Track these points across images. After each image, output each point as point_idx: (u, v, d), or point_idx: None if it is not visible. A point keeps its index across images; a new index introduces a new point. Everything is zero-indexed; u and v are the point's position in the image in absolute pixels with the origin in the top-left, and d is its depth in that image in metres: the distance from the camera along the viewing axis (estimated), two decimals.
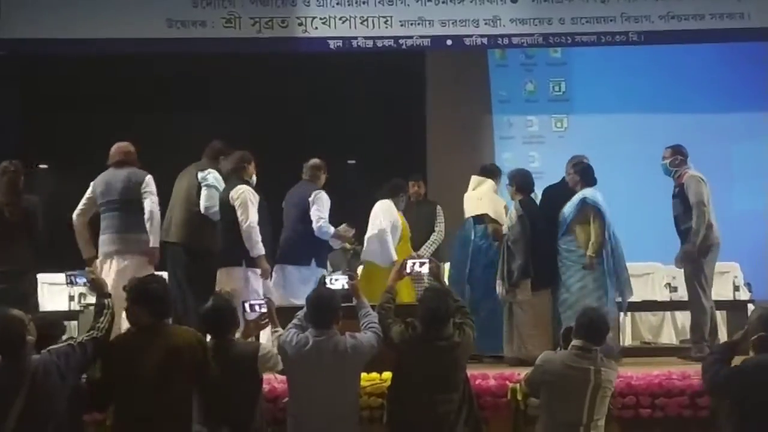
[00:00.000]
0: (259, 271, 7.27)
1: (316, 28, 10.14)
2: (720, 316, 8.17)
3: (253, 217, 7.23)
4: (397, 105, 11.92)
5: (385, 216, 8.39)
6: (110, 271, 7.11)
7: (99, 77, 11.36)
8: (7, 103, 11.24)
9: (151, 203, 7.25)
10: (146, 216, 7.21)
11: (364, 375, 5.69)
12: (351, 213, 9.67)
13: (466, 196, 8.36)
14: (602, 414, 5.24)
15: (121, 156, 7.46)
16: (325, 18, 10.11)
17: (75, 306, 8.31)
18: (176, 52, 10.33)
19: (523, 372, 6.05)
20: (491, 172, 8.60)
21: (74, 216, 7.48)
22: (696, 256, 7.47)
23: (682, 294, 8.33)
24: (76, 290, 8.05)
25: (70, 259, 7.59)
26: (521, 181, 8.05)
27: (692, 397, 6.07)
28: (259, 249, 7.21)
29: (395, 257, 8.08)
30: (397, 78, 11.71)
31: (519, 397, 5.98)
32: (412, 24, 10.14)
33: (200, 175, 7.69)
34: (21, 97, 11.46)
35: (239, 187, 7.39)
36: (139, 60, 10.84)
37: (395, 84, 11.79)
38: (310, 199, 7.92)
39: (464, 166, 12.02)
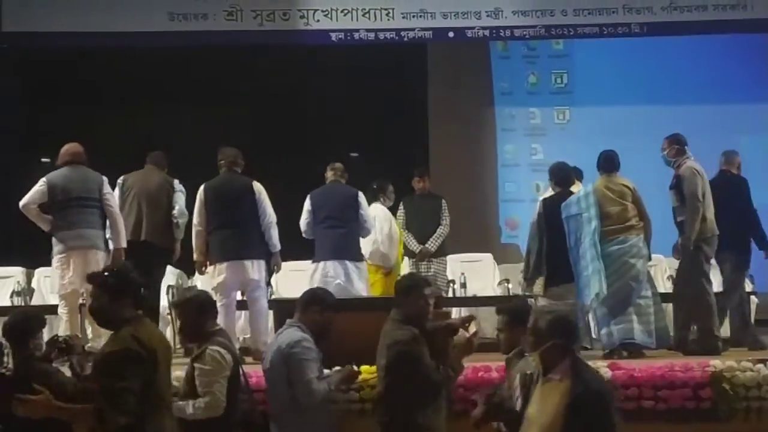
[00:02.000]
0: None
1: (318, 20, 10.14)
2: None
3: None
4: (398, 98, 11.91)
5: (386, 223, 8.63)
6: (71, 265, 7.21)
7: (101, 71, 11.37)
8: (9, 97, 11.23)
9: (113, 205, 7.43)
10: (110, 218, 7.39)
11: (366, 368, 5.69)
12: None
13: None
14: None
15: (74, 156, 7.49)
16: (326, 10, 10.11)
17: None
18: (178, 46, 10.32)
19: None
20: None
21: (25, 204, 7.39)
22: (690, 250, 7.44)
23: None
24: None
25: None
26: (559, 175, 8.02)
27: (695, 388, 6.06)
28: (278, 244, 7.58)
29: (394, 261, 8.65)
30: (398, 70, 11.71)
31: None
32: (413, 16, 10.13)
33: (174, 180, 7.86)
34: (22, 91, 11.45)
35: (255, 182, 7.57)
36: (140, 53, 10.83)
37: (397, 76, 11.78)
38: (360, 200, 8.09)
39: (466, 159, 12.11)
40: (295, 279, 8.42)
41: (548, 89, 12.23)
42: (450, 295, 8.98)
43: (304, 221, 8.06)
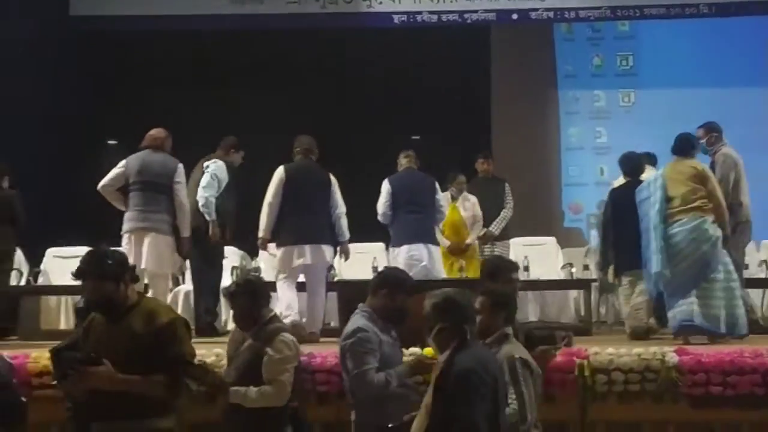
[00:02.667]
0: None
1: (381, 2, 10.14)
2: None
3: None
4: (461, 80, 11.82)
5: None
6: (135, 246, 7.41)
7: (164, 54, 11.45)
8: (76, 80, 11.38)
9: (180, 194, 7.57)
10: (176, 206, 7.56)
11: (429, 350, 5.64)
12: None
13: None
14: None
15: (153, 141, 7.70)
16: None
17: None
18: (240, 29, 10.37)
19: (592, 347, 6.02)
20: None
21: (103, 186, 7.62)
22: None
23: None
24: None
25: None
26: (628, 165, 8.03)
27: (765, 374, 5.95)
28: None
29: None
30: (461, 53, 11.61)
31: (586, 373, 5.92)
32: None
33: (205, 163, 7.92)
34: (91, 74, 11.60)
35: (330, 174, 7.72)
36: (205, 36, 10.91)
37: (459, 59, 11.69)
38: (437, 188, 8.27)
39: (529, 142, 12.01)
40: (358, 261, 8.43)
41: (613, 71, 12.06)
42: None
43: (383, 204, 8.10)
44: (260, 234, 7.58)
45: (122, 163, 7.63)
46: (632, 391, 5.91)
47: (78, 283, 4.20)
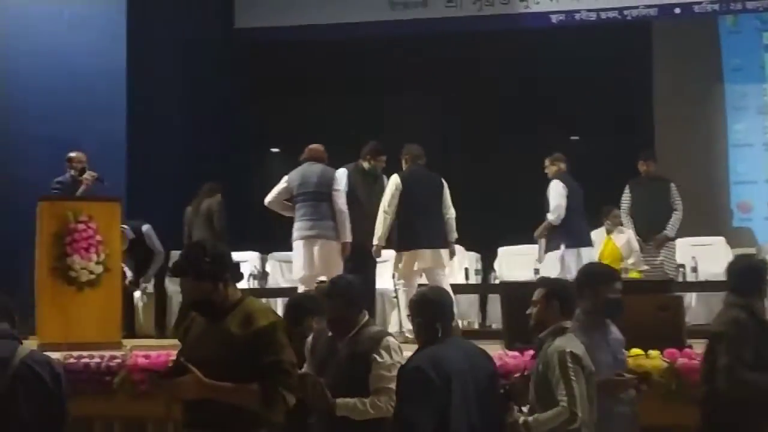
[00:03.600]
0: None
1: (538, 2, 10.07)
2: None
3: None
4: (621, 79, 11.56)
5: None
6: (305, 252, 7.64)
7: (324, 63, 11.69)
8: (240, 90, 11.76)
9: (338, 201, 7.70)
10: (335, 213, 7.70)
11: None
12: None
13: None
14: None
15: (311, 153, 7.91)
16: None
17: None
18: (399, 34, 10.48)
19: None
20: None
21: (270, 202, 7.93)
22: None
23: None
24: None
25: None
26: None
27: None
28: None
29: None
30: (621, 51, 11.35)
31: None
32: None
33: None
34: (251, 84, 11.96)
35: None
36: (360, 44, 11.09)
37: (619, 57, 11.43)
38: None
39: (693, 140, 11.64)
40: (519, 263, 8.41)
41: None
42: (680, 279, 8.68)
43: (562, 208, 8.06)
44: (375, 241, 7.71)
45: (285, 178, 7.93)
46: None
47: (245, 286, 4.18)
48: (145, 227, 8.95)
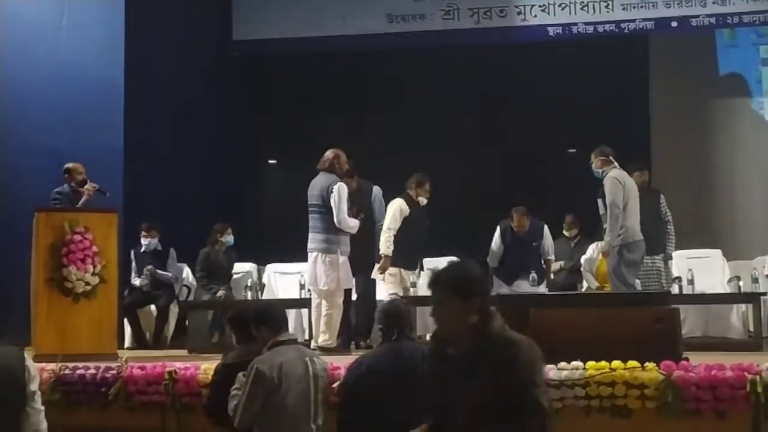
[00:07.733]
0: None
1: (535, 15, 10.08)
2: None
3: None
4: (618, 92, 11.57)
5: None
6: (316, 265, 7.59)
7: (323, 74, 11.69)
8: (239, 102, 11.77)
9: (334, 211, 7.56)
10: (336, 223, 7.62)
11: (591, 364, 5.56)
12: (571, 202, 9.57)
13: None
14: None
15: (322, 162, 7.78)
16: (544, 5, 10.03)
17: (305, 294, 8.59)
18: (397, 47, 10.49)
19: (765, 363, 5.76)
20: None
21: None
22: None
23: None
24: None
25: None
26: None
27: None
28: None
29: None
30: (618, 64, 11.37)
31: (759, 390, 5.66)
32: (634, 7, 9.90)
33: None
34: (250, 96, 11.96)
35: None
36: (357, 56, 11.09)
37: (616, 70, 11.45)
38: None
39: (691, 153, 11.64)
40: None
41: None
42: (676, 292, 8.66)
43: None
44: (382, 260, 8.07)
45: None
46: None
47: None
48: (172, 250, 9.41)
